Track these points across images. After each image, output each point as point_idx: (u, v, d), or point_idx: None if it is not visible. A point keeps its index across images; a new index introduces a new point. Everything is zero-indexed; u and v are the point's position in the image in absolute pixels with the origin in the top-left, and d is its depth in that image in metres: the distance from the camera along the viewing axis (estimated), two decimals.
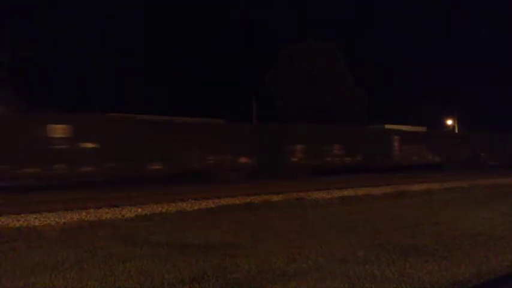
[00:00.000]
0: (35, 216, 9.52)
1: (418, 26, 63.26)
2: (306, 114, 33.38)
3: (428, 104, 43.82)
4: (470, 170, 28.71)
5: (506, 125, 38.31)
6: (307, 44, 38.15)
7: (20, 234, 7.39)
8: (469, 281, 4.63)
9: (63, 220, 9.07)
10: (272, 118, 31.58)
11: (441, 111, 45.57)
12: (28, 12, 30.24)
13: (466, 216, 8.94)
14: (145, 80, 38.71)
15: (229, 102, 37.65)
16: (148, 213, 9.94)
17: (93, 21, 37.05)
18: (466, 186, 16.57)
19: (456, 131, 43.67)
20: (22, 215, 9.66)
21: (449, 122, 46.68)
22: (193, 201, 12.10)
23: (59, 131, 16.42)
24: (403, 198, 12.79)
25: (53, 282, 4.64)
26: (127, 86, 36.72)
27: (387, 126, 29.12)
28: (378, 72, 47.10)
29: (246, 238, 6.85)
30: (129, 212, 10.17)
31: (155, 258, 5.53)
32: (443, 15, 60.05)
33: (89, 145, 17.03)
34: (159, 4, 54.02)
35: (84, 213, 9.90)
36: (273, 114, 35.10)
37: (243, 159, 21.15)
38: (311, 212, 10.03)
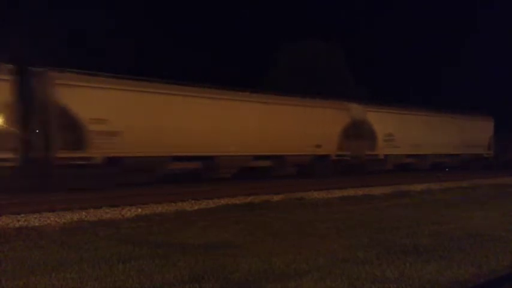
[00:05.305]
0: (35, 216, 9.49)
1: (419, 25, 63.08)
2: None
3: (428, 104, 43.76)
4: (470, 169, 28.68)
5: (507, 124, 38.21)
6: (307, 43, 38.09)
7: (20, 234, 7.38)
8: (469, 281, 4.63)
9: (63, 220, 9.05)
10: None
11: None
12: (30, 13, 30.19)
13: (466, 216, 8.95)
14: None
15: None
16: (148, 213, 9.93)
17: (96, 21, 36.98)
18: (466, 185, 16.59)
19: None
20: (22, 215, 9.62)
21: None
22: (193, 201, 12.07)
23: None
24: (403, 198, 12.79)
25: (53, 282, 4.64)
26: None
27: None
28: (378, 72, 46.96)
29: (246, 238, 6.86)
30: (129, 212, 10.16)
31: (155, 258, 5.53)
32: (443, 14, 59.99)
33: None
34: (159, 4, 54.02)
35: (84, 213, 9.88)
36: None
37: None
38: (311, 211, 10.03)
